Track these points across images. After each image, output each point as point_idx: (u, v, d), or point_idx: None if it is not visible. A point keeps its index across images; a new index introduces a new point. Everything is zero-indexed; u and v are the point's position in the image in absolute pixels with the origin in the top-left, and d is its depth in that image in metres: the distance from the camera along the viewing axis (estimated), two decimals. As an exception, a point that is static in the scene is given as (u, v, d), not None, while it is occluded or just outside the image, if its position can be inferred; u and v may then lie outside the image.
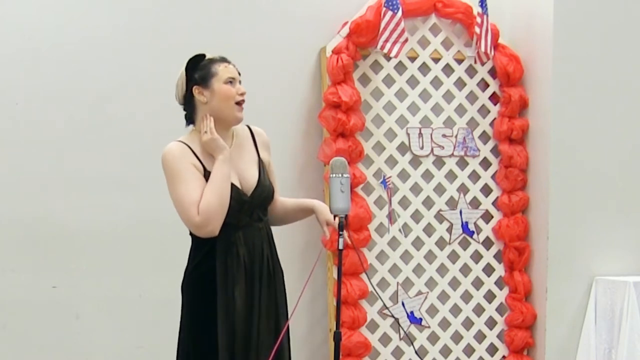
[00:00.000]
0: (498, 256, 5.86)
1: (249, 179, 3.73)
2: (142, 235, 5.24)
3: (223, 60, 3.76)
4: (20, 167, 5.13)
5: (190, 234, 3.74)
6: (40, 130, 5.15)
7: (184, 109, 3.80)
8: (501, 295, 5.83)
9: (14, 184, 5.12)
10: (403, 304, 5.67)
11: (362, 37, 5.51)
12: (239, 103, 3.73)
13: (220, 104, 3.70)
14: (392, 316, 5.63)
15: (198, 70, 3.72)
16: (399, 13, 5.46)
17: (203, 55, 3.77)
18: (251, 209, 3.71)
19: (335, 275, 5.28)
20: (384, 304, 5.54)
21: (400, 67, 5.71)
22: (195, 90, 3.71)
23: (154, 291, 5.26)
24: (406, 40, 5.52)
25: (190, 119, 3.79)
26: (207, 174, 3.65)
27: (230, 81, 3.71)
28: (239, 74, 3.79)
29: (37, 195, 5.13)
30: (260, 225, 3.75)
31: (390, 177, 5.65)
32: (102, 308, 5.23)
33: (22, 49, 5.13)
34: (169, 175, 3.66)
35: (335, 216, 3.60)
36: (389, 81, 5.69)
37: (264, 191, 3.76)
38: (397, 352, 5.67)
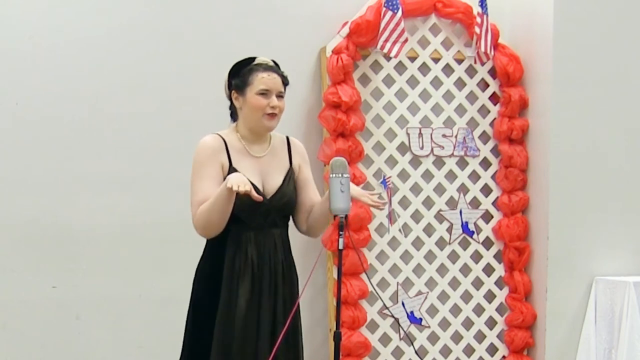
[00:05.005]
0: (498, 256, 5.86)
1: (272, 183, 3.78)
2: (142, 235, 5.23)
3: (267, 69, 3.77)
4: (20, 167, 5.13)
5: None
6: (40, 130, 5.14)
7: (229, 107, 3.87)
8: (501, 295, 5.83)
9: (14, 184, 5.11)
10: (403, 304, 5.67)
11: (362, 37, 5.51)
12: (270, 114, 3.76)
13: (249, 114, 3.77)
14: (392, 316, 5.62)
15: (237, 77, 3.79)
16: (399, 13, 5.46)
17: (250, 60, 3.80)
18: (267, 212, 3.74)
19: (335, 275, 5.28)
20: (384, 304, 5.54)
21: (400, 67, 5.71)
22: (233, 95, 3.81)
23: (154, 291, 5.26)
24: (406, 40, 5.52)
25: (233, 116, 3.88)
26: (231, 170, 3.70)
27: (264, 93, 3.74)
28: (286, 83, 3.80)
29: (37, 195, 5.13)
30: (275, 231, 3.77)
31: (390, 177, 5.65)
32: (102, 308, 5.23)
33: (22, 49, 5.12)
34: (193, 166, 3.75)
35: (335, 216, 3.60)
36: (389, 81, 5.69)
37: (284, 197, 3.79)
38: (397, 352, 5.67)
